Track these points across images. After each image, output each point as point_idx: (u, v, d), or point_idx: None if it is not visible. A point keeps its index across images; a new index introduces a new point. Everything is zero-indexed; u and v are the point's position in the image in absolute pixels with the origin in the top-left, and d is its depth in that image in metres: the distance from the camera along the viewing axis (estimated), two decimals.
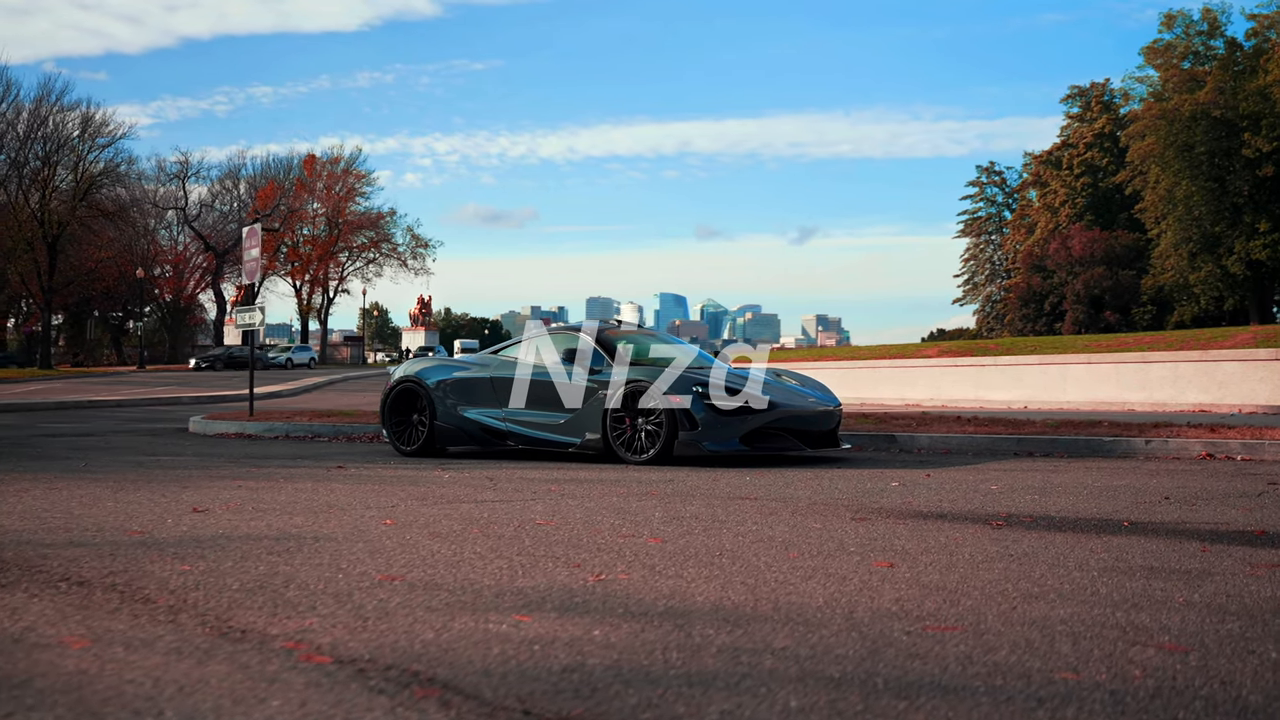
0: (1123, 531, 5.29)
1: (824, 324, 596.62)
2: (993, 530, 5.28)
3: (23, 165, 56.20)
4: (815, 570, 4.04)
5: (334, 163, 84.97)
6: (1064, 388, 20.00)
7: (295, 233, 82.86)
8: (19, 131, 55.60)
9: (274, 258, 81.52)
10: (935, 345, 30.79)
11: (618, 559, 4.27)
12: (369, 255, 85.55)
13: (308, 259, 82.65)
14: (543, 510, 6.02)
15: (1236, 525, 5.52)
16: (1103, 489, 7.26)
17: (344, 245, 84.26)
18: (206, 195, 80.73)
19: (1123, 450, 10.09)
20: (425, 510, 5.96)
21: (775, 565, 4.15)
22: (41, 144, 56.46)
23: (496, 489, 7.28)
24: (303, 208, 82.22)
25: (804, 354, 41.20)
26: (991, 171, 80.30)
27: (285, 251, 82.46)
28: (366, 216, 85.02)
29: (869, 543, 4.80)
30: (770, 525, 5.40)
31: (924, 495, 6.89)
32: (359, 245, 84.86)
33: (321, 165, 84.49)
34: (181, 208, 76.84)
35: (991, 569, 4.13)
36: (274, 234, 79.18)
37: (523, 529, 5.17)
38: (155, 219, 78.57)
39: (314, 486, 7.35)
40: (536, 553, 4.42)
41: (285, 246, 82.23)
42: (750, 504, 6.38)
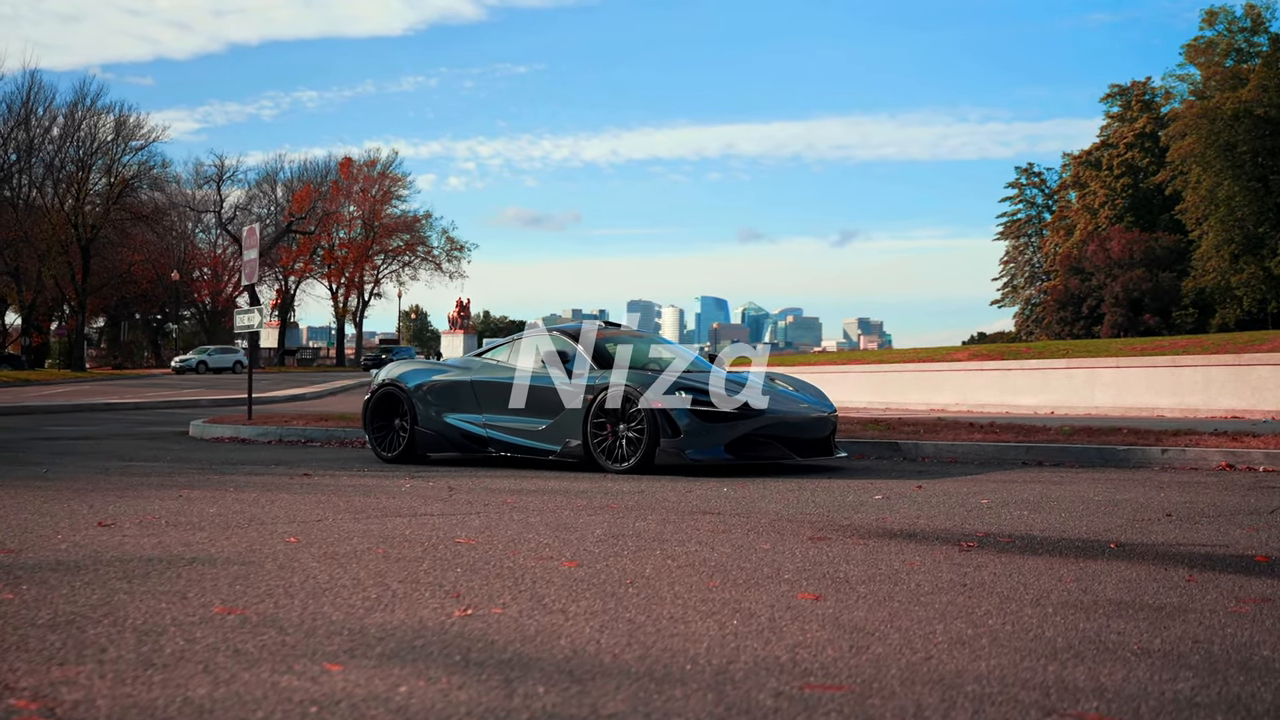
0: (1105, 555, 4.73)
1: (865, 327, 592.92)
2: (959, 553, 4.74)
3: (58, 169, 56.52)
4: (724, 605, 3.52)
5: (370, 165, 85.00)
6: (1092, 392, 19.30)
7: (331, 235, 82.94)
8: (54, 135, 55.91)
9: (310, 260, 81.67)
10: (967, 349, 30.08)
11: (509, 588, 3.78)
12: (404, 258, 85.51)
13: (343, 262, 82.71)
14: (477, 526, 5.53)
15: (1236, 548, 4.95)
16: (1102, 503, 6.69)
17: (379, 248, 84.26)
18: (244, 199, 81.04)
19: (1137, 460, 9.48)
20: (346, 526, 5.49)
21: (683, 598, 3.64)
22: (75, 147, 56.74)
23: (448, 501, 6.80)
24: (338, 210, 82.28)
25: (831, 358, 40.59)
26: (1031, 173, 78.96)
27: (321, 254, 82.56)
28: (402, 219, 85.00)
29: (810, 569, 4.28)
30: (714, 546, 4.88)
31: (904, 510, 6.35)
32: (394, 248, 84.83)
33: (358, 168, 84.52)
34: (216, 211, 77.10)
35: (932, 603, 3.60)
36: (309, 237, 79.33)
37: (433, 549, 4.68)
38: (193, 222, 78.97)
39: (255, 498, 6.91)
40: (423, 579, 3.93)
41: (321, 249, 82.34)
42: (708, 520, 5.87)
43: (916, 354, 31.06)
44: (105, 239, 58.04)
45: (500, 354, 10.47)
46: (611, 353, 9.84)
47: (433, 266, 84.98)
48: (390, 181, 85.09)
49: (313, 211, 78.71)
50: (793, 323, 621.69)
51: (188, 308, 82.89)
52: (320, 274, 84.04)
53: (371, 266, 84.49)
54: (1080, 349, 25.61)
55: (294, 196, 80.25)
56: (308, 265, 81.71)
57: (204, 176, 77.68)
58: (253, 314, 15.83)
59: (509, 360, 10.26)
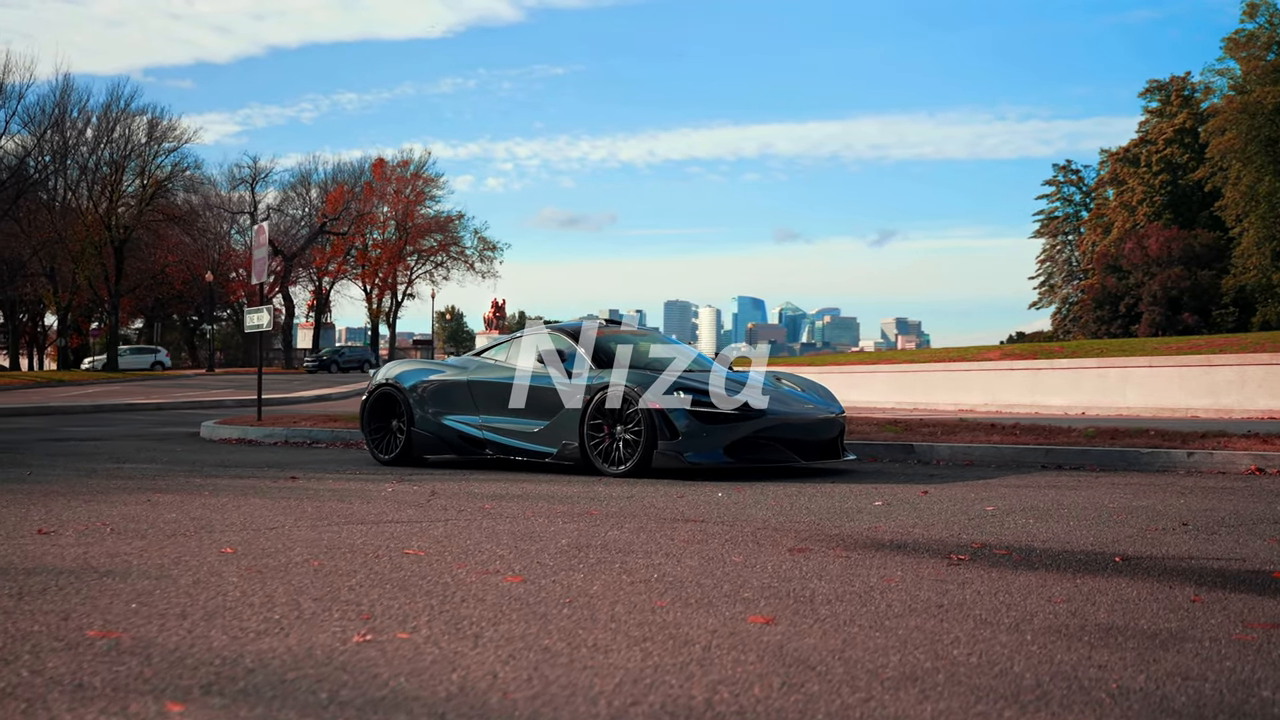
0: (1107, 570, 4.33)
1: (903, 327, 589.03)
2: (946, 568, 4.34)
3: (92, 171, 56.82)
4: (662, 629, 3.16)
5: (403, 166, 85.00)
6: (1124, 392, 18.74)
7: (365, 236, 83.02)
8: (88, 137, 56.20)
9: (343, 262, 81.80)
10: (998, 349, 29.49)
11: (430, 608, 3.43)
12: (437, 259, 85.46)
13: (376, 262, 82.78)
14: (437, 535, 5.19)
15: (1253, 562, 4.53)
16: (1116, 511, 6.26)
17: (413, 249, 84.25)
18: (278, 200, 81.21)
19: (1161, 463, 9.01)
20: (298, 534, 5.16)
21: (620, 620, 3.28)
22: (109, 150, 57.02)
23: (423, 507, 6.46)
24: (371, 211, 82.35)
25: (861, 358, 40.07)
26: (1069, 170, 77.76)
27: (354, 255, 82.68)
28: (435, 220, 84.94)
29: (776, 586, 3.91)
30: (682, 558, 4.51)
31: (900, 518, 5.95)
32: (427, 249, 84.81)
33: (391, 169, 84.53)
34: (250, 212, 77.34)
35: (896, 628, 3.22)
36: (343, 238, 79.44)
37: (374, 562, 4.34)
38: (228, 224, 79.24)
39: (224, 503, 6.60)
40: (342, 596, 3.59)
41: (355, 250, 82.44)
42: (688, 528, 5.49)
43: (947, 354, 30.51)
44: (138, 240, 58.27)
45: (498, 353, 10.14)
46: (612, 352, 9.47)
47: (465, 267, 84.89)
48: (423, 182, 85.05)
49: (345, 212, 78.81)
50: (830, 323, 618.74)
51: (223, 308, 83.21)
52: (354, 275, 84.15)
53: (404, 267, 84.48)
54: (1114, 348, 25.01)
55: (327, 197, 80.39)
56: (341, 266, 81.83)
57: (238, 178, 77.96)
58: (261, 313, 15.58)
59: (506, 359, 9.93)
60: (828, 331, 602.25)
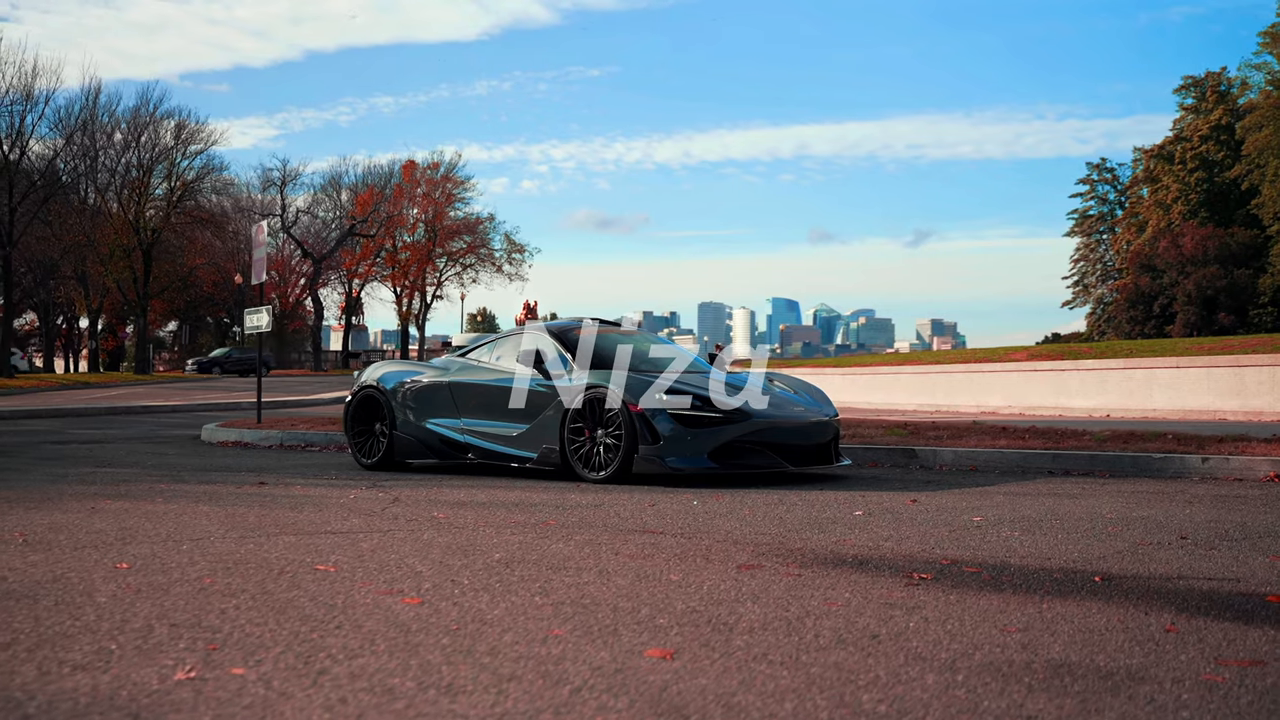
0: (1082, 592, 3.90)
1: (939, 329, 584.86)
2: (902, 588, 3.93)
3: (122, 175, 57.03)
4: (537, 665, 2.77)
5: (433, 169, 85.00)
6: (1150, 394, 18.17)
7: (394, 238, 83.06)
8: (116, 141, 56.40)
9: (373, 264, 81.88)
10: (1025, 350, 28.89)
11: (295, 636, 3.06)
12: (466, 260, 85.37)
13: (405, 264, 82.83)
14: (366, 547, 4.82)
15: (1249, 583, 4.09)
16: (1113, 522, 5.82)
17: (442, 251, 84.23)
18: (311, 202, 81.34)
19: (1175, 469, 8.53)
20: (218, 547, 4.81)
21: (498, 653, 2.89)
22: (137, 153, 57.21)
23: (373, 516, 6.10)
24: (401, 213, 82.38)
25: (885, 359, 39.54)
26: (1103, 168, 76.57)
27: (383, 257, 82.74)
28: (464, 222, 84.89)
29: (702, 610, 3.51)
30: (613, 577, 4.12)
31: (876, 530, 5.53)
32: (456, 250, 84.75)
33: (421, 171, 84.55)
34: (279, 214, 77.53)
35: (812, 665, 2.82)
36: (372, 240, 79.51)
37: (272, 579, 3.98)
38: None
39: (167, 510, 6.28)
40: (204, 622, 3.23)
41: (384, 252, 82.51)
42: (639, 541, 5.10)
43: (974, 355, 29.94)
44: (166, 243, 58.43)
45: (481, 353, 9.78)
46: (598, 353, 9.09)
47: (493, 269, 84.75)
48: (453, 184, 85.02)
49: (374, 214, 78.87)
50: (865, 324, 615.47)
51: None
52: (383, 277, 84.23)
53: (433, 269, 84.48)
54: (1143, 349, 24.39)
55: (357, 200, 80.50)
56: (370, 269, 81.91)
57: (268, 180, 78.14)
58: (260, 313, 15.31)
59: (489, 360, 9.56)
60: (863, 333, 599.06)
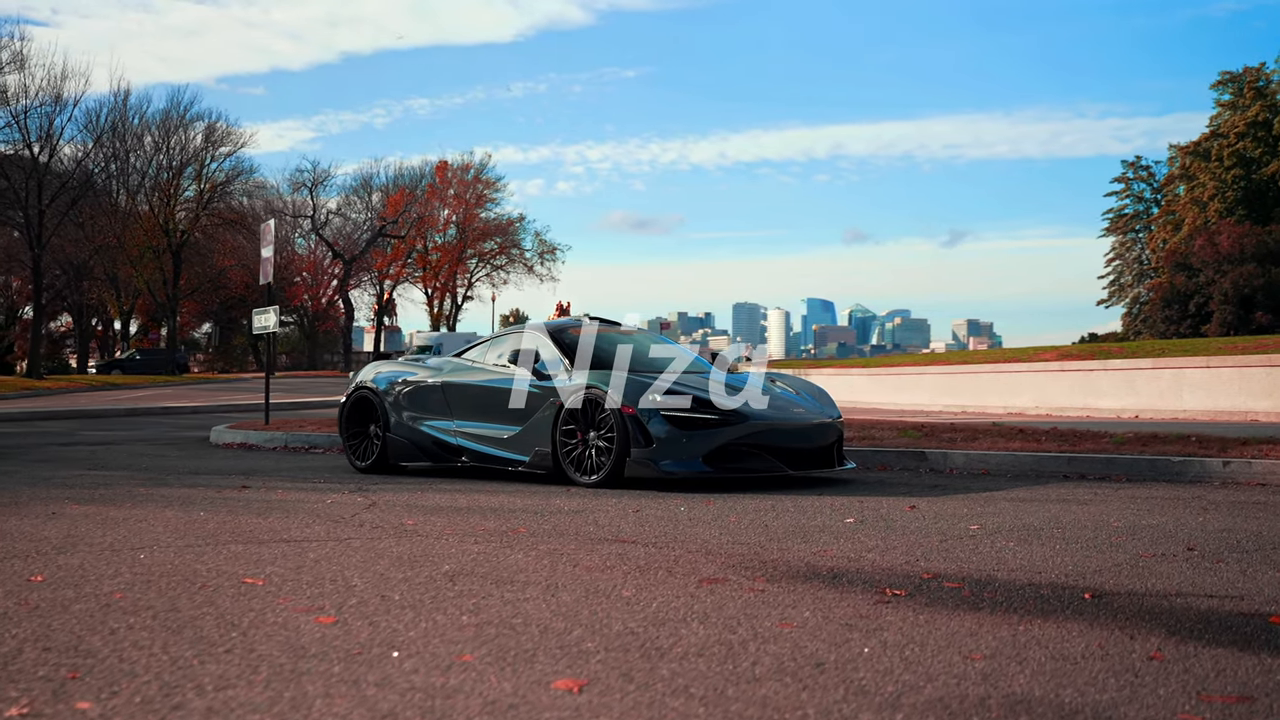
0: (1068, 611, 3.57)
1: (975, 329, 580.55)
2: (870, 607, 3.61)
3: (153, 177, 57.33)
4: (426, 699, 2.48)
5: (464, 169, 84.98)
6: (1180, 395, 17.67)
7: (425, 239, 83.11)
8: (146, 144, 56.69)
9: (403, 265, 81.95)
10: (1055, 350, 28.35)
11: (168, 664, 2.78)
12: (497, 261, 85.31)
13: (436, 266, 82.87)
14: (311, 559, 4.55)
15: (1253, 602, 3.74)
16: (1119, 531, 5.46)
17: (473, 252, 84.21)
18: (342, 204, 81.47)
19: (1194, 473, 8.13)
20: (154, 558, 4.55)
21: (388, 685, 2.60)
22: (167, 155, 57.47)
23: (340, 523, 5.83)
24: (432, 214, 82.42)
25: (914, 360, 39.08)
26: (1138, 166, 75.44)
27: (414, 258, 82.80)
28: (495, 223, 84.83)
29: (640, 632, 3.21)
30: (559, 593, 3.83)
31: (862, 540, 5.20)
32: (487, 251, 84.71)
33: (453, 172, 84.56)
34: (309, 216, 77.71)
35: (737, 698, 2.51)
36: (402, 241, 79.58)
37: (191, 594, 3.70)
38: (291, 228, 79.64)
39: (130, 516, 6.04)
40: (85, 646, 2.96)
41: (415, 253, 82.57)
42: (607, 552, 4.80)
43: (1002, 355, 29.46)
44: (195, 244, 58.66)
45: (477, 353, 9.50)
46: (596, 353, 8.78)
47: (524, 270, 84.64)
48: (484, 185, 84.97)
49: (405, 215, 78.93)
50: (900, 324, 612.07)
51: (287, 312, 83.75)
52: (414, 278, 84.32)
53: (464, 270, 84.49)
54: (1176, 349, 23.83)
55: (388, 201, 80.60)
56: (401, 270, 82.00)
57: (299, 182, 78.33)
58: (267, 314, 15.13)
59: (483, 360, 9.28)
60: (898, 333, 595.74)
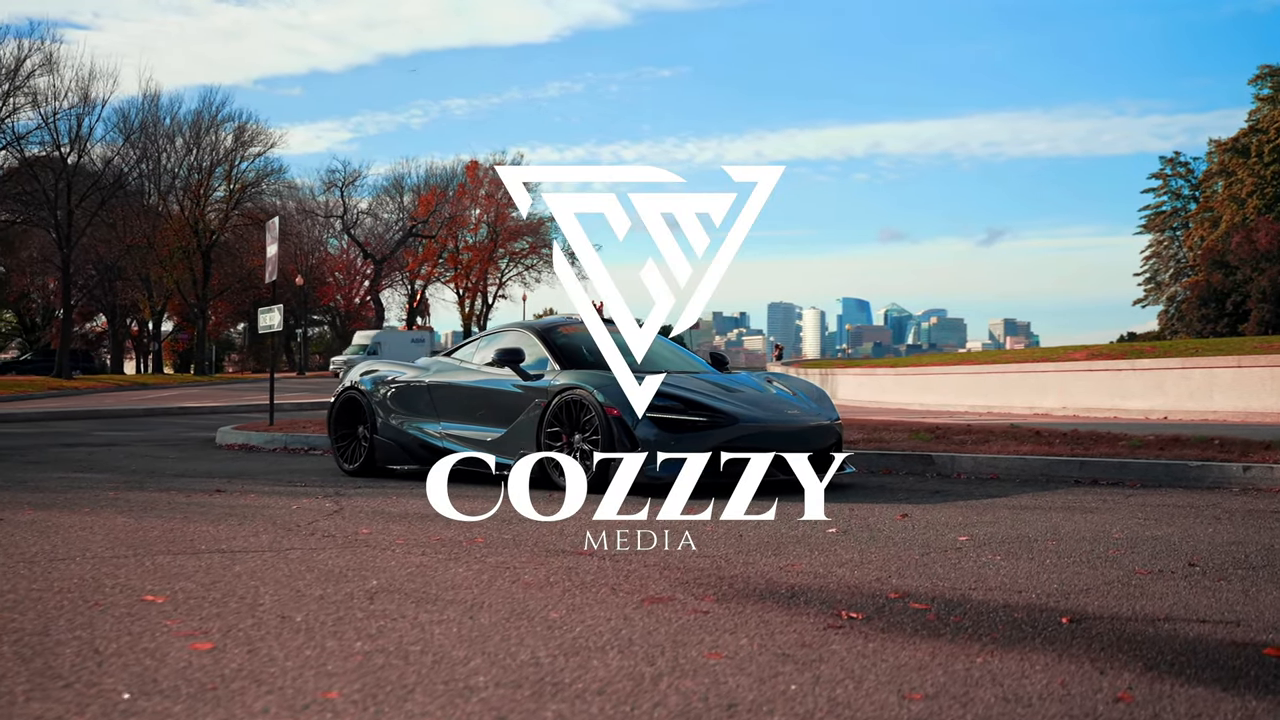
0: (1039, 639, 3.20)
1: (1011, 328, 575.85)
2: (819, 632, 3.26)
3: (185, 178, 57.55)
4: None
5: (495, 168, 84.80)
6: (1210, 395, 17.13)
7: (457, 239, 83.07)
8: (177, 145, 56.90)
9: (435, 265, 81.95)
10: (1085, 349, 27.77)
11: None
12: (528, 261, 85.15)
13: (468, 265, 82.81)
14: (238, 571, 4.24)
15: (1250, 628, 3.35)
16: (1118, 544, 5.06)
17: (504, 251, 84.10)
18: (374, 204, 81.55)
19: (1212, 479, 7.70)
20: (69, 570, 4.25)
21: None
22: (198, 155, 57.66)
23: (292, 532, 5.52)
24: (463, 214, 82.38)
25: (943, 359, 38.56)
26: (1176, 163, 74.23)
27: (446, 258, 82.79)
28: (526, 223, 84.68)
29: (548, 664, 2.87)
30: (480, 613, 3.49)
31: (838, 552, 4.84)
32: (518, 251, 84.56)
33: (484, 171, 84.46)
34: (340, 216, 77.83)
35: None
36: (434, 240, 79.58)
37: (71, 613, 3.40)
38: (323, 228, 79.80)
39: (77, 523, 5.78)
40: None
41: (446, 253, 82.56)
42: (560, 563, 4.46)
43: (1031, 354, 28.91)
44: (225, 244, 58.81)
45: (465, 353, 9.19)
46: (586, 353, 8.46)
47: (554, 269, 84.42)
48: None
49: (436, 215, 78.91)
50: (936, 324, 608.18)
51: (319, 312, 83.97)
52: (446, 279, 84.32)
53: (495, 269, 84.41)
54: (1209, 348, 23.23)
55: (420, 200, 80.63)
56: (433, 270, 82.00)
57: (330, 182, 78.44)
58: (272, 313, 14.90)
59: (471, 360, 8.97)
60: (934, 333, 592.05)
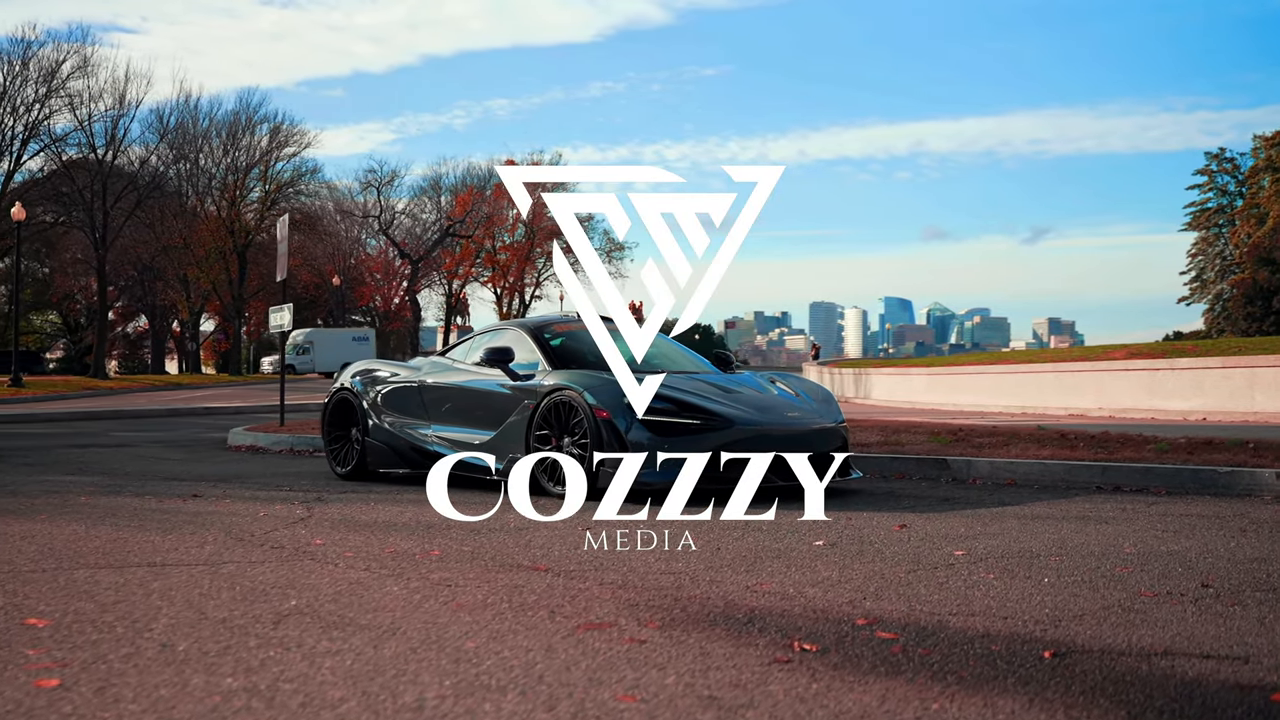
0: (1010, 679, 2.79)
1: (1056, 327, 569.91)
2: (761, 668, 2.87)
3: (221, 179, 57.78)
4: None
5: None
6: (1252, 396, 16.51)
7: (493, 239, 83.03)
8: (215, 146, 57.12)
9: (472, 264, 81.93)
10: (1124, 348, 27.09)
11: None
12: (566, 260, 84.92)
13: (504, 265, 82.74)
14: (149, 589, 3.90)
15: (1258, 669, 2.92)
16: (1128, 560, 4.62)
17: (540, 251, 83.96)
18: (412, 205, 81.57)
19: (1242, 486, 7.21)
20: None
21: None
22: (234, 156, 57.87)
23: (245, 543, 5.19)
24: (500, 213, 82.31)
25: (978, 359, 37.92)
26: (1222, 159, 72.81)
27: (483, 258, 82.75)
28: None
29: (434, 707, 2.51)
30: (391, 641, 3.13)
31: (817, 569, 4.43)
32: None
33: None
34: (376, 216, 77.95)
35: None
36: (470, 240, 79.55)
37: None
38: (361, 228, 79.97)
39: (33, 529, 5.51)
40: None
41: (484, 253, 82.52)
42: (506, 580, 4.09)
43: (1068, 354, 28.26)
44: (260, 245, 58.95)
45: (458, 352, 8.85)
46: (581, 352, 8.09)
47: None
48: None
49: (473, 214, 78.88)
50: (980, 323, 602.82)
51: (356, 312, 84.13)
52: (483, 279, 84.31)
53: (532, 269, 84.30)
54: (1253, 347, 22.53)
55: (457, 200, 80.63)
56: (470, 270, 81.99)
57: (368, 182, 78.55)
58: (282, 312, 14.65)
59: (463, 360, 8.62)
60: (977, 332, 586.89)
